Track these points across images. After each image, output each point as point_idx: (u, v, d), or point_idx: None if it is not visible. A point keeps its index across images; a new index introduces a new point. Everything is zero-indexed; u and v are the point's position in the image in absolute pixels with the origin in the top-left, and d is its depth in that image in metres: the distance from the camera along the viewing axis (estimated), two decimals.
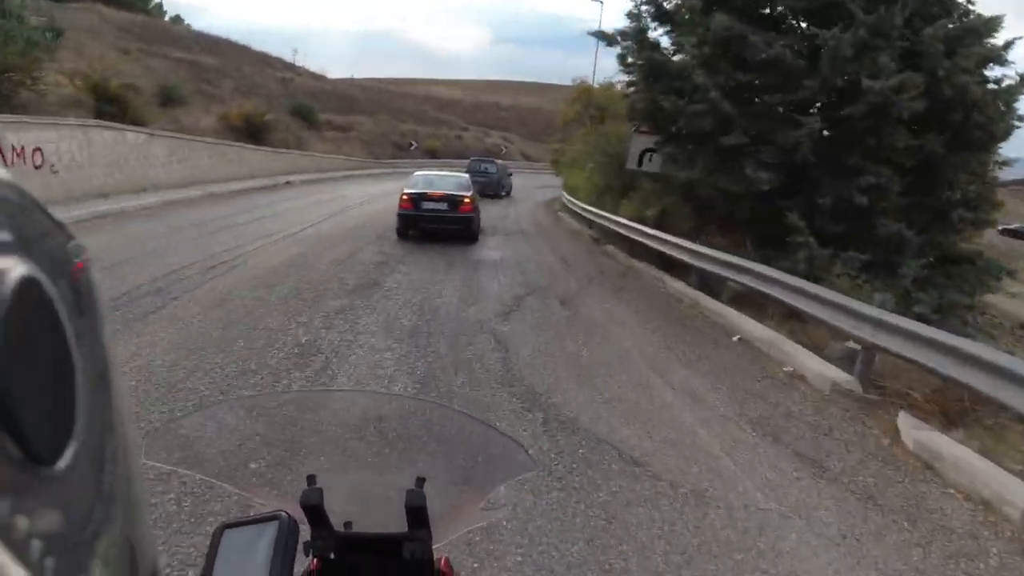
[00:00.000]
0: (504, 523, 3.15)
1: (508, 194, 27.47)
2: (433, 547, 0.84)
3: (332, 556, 0.85)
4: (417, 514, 0.81)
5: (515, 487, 3.35)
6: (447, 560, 0.88)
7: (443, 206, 12.29)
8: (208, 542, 0.78)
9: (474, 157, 31.95)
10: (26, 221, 0.28)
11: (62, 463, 0.25)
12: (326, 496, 0.83)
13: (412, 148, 42.96)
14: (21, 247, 0.26)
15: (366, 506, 0.96)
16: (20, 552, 0.21)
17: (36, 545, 0.22)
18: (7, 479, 0.22)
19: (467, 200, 12.51)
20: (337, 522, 0.86)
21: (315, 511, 0.83)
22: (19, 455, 0.23)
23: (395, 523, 0.84)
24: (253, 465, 0.98)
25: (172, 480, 3.09)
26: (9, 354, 0.23)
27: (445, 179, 13.63)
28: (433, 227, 12.24)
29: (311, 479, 0.84)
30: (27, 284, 0.25)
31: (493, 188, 25.81)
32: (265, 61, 45.93)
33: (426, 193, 12.36)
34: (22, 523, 0.22)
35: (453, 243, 12.34)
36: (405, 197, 12.30)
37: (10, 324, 0.23)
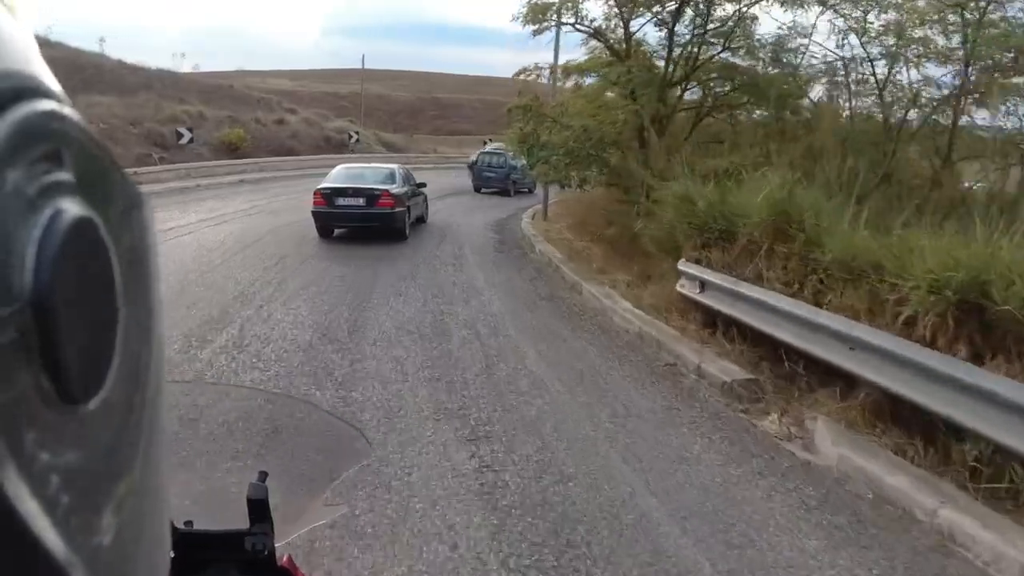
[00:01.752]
0: None
1: (531, 191, 20.92)
2: (276, 544, 0.78)
3: (172, 555, 0.66)
4: (259, 508, 0.77)
5: None
6: (290, 557, 0.82)
7: (360, 201, 11.49)
8: None
9: (484, 151, 25.45)
10: (90, 164, 0.28)
11: (92, 404, 0.25)
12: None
13: (186, 142, 24.07)
14: (82, 189, 0.26)
15: (207, 503, 0.92)
16: (37, 485, 0.22)
17: (54, 480, 0.23)
18: (36, 413, 0.22)
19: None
20: (177, 519, 0.79)
21: None
22: (52, 391, 0.23)
23: (238, 520, 0.78)
24: None
25: None
26: (56, 292, 0.23)
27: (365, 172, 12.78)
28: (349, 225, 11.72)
29: None
30: (83, 225, 0.25)
31: (502, 183, 22.40)
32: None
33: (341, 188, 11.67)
34: (43, 457, 0.22)
35: None
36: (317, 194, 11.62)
37: (60, 262, 0.23)
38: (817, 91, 12.37)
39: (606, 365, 6.17)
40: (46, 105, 0.26)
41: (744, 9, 11.64)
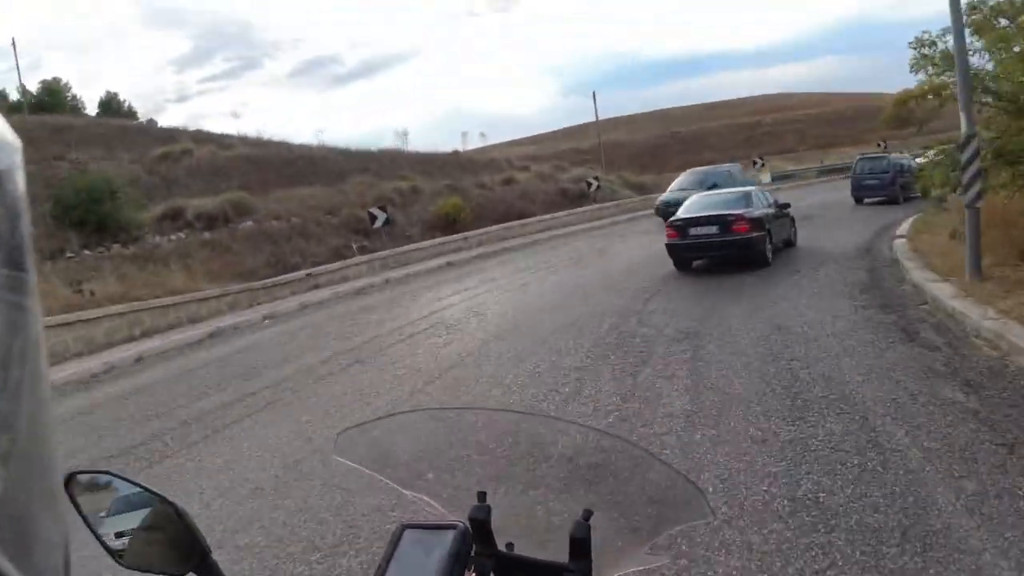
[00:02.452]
0: None
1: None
2: None
3: (491, 575, 0.85)
4: (580, 545, 0.79)
5: None
6: None
7: (713, 229, 10.66)
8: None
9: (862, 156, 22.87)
10: None
11: None
12: (493, 514, 0.85)
13: (380, 225, 17.72)
14: None
15: (530, 530, 0.95)
16: None
17: None
18: None
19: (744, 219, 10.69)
20: (500, 542, 0.86)
21: (481, 527, 0.84)
22: None
23: (557, 551, 0.82)
24: (430, 475, 1.01)
25: None
26: None
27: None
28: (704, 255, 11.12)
29: (481, 495, 0.86)
30: None
31: (887, 190, 20.03)
32: None
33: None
34: None
35: None
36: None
37: None
38: None
39: None
40: None
41: None
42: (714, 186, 18.34)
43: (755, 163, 33.25)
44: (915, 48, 8.77)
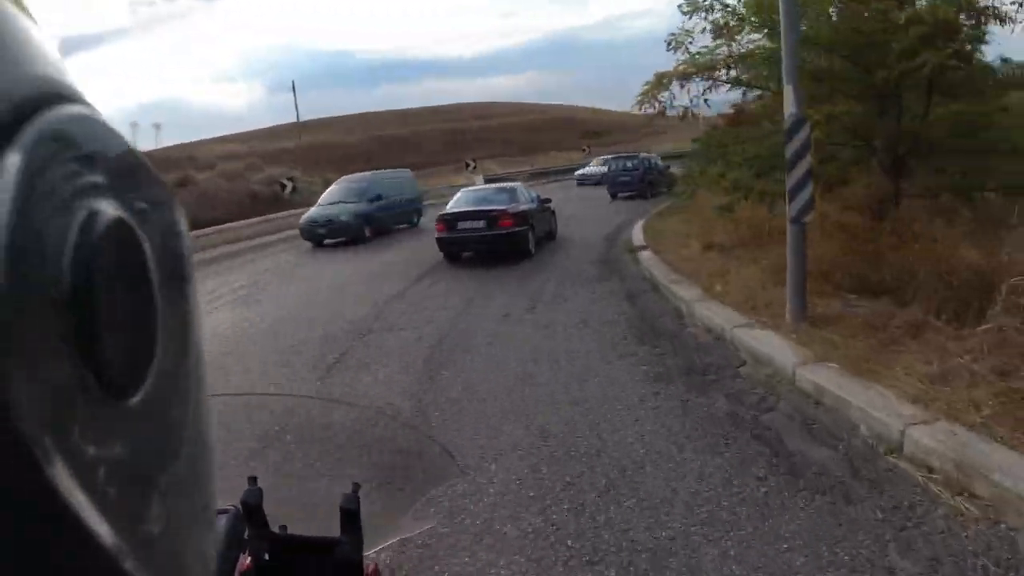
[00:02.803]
0: None
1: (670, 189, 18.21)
2: (365, 553, 0.82)
3: (266, 557, 0.84)
4: (350, 518, 0.80)
5: None
6: (376, 566, 0.86)
7: (481, 224, 10.99)
8: None
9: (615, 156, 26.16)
10: (121, 167, 0.28)
11: (134, 399, 0.26)
12: (265, 497, 0.84)
13: None
14: (114, 190, 0.27)
15: (303, 509, 0.96)
16: (85, 477, 0.22)
17: (101, 472, 0.24)
18: (80, 408, 0.23)
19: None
20: (274, 524, 0.85)
21: (254, 511, 0.83)
22: (95, 386, 0.24)
23: (330, 527, 0.82)
24: None
25: None
26: (94, 290, 0.24)
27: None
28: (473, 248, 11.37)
29: (252, 479, 0.85)
30: (118, 225, 0.26)
31: (637, 187, 21.40)
32: None
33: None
34: (90, 450, 0.23)
35: None
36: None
37: (98, 262, 0.24)
38: None
39: None
40: (76, 109, 0.26)
41: None
42: (378, 197, 16.60)
43: (468, 165, 33.17)
44: None
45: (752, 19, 6.93)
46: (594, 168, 30.21)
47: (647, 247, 10.53)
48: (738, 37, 7.36)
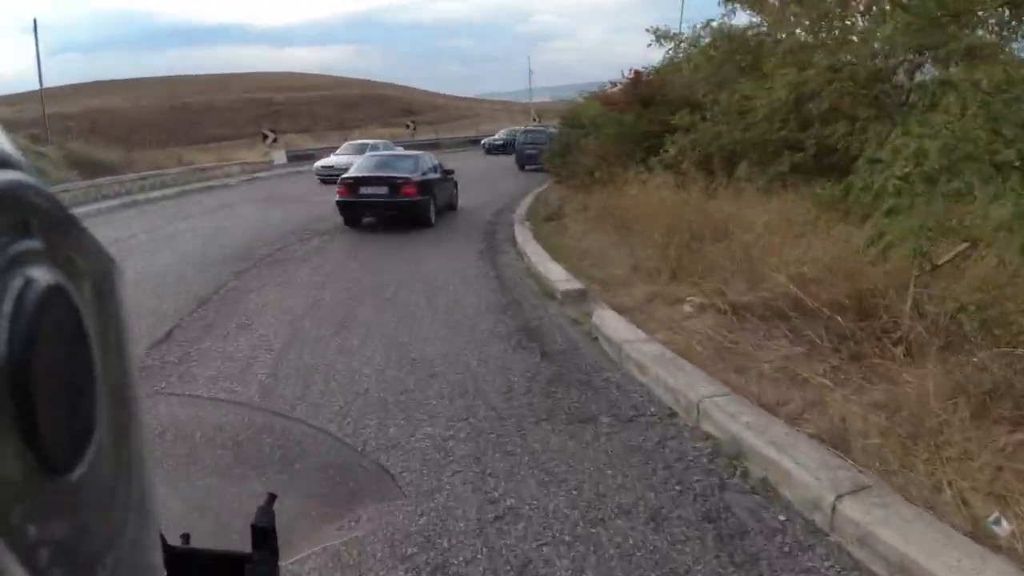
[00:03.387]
0: None
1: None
2: (280, 566, 0.74)
3: (165, 573, 0.65)
4: (264, 533, 0.72)
5: None
6: None
7: (383, 190, 10.90)
8: None
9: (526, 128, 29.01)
10: (57, 231, 0.27)
11: (75, 474, 0.25)
12: (173, 505, 0.79)
13: None
14: (51, 256, 0.26)
15: (207, 518, 0.88)
16: (28, 559, 0.22)
17: (44, 553, 0.23)
18: (21, 486, 0.22)
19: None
20: (172, 536, 0.73)
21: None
22: (34, 462, 0.23)
23: (240, 541, 0.74)
24: None
25: None
26: (32, 362, 0.23)
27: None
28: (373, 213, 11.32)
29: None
30: (54, 292, 0.25)
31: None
32: None
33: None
34: (32, 530, 0.22)
35: None
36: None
37: (34, 332, 0.23)
38: None
39: None
40: (11, 175, 0.25)
41: None
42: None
43: (266, 137, 30.28)
44: None
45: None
46: (501, 136, 34.14)
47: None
48: None
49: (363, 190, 11.10)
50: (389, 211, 11.11)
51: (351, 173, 11.54)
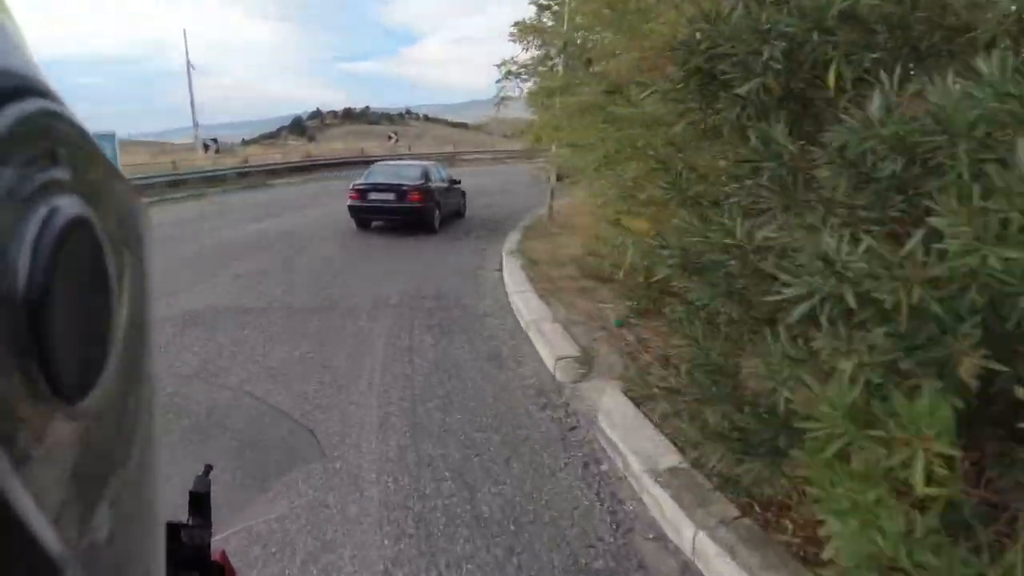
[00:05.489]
0: None
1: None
2: (213, 538, 0.71)
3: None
4: (200, 502, 0.72)
5: None
6: (224, 553, 0.75)
7: (391, 196, 11.94)
8: None
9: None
10: (86, 164, 0.27)
11: (86, 402, 0.25)
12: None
13: None
14: (78, 187, 0.26)
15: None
16: (32, 481, 0.21)
17: (49, 476, 0.23)
18: (30, 410, 0.22)
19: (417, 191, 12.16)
20: None
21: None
22: (46, 388, 0.23)
23: (179, 511, 0.71)
24: None
25: None
26: (51, 290, 0.23)
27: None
28: (381, 218, 12.30)
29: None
30: (78, 223, 0.25)
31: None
32: None
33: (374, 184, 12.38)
34: (37, 453, 0.22)
35: None
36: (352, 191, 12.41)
37: (56, 260, 0.23)
38: None
39: None
40: (41, 103, 0.25)
41: None
42: None
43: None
44: None
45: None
46: None
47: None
48: None
49: (372, 196, 12.12)
50: (395, 216, 12.07)
51: (363, 180, 12.47)
